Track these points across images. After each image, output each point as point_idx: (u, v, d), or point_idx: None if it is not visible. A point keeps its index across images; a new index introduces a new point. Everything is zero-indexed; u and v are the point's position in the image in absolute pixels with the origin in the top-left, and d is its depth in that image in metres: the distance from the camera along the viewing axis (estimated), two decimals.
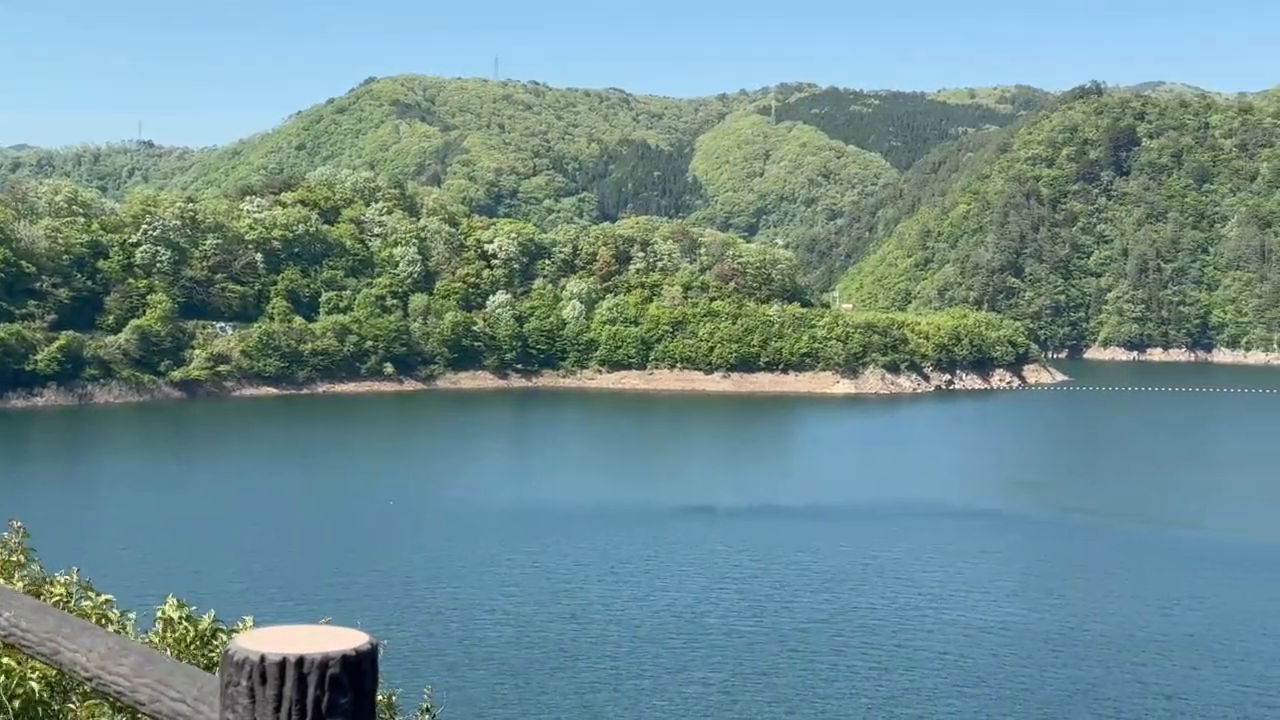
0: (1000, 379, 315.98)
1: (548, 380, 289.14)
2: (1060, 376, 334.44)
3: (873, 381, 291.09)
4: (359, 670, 3.93)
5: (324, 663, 3.85)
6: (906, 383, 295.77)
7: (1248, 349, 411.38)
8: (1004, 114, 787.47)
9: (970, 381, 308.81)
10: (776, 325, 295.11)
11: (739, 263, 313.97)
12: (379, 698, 15.97)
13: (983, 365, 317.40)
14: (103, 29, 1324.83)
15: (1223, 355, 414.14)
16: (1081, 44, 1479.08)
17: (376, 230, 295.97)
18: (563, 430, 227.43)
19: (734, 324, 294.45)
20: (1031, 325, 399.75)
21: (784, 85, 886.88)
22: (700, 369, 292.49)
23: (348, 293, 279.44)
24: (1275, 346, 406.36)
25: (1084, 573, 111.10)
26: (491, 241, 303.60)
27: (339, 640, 3.98)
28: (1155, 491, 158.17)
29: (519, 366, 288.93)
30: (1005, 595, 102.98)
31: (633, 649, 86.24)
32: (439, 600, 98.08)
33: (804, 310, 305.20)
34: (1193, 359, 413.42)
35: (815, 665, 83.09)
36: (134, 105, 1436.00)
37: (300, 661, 3.85)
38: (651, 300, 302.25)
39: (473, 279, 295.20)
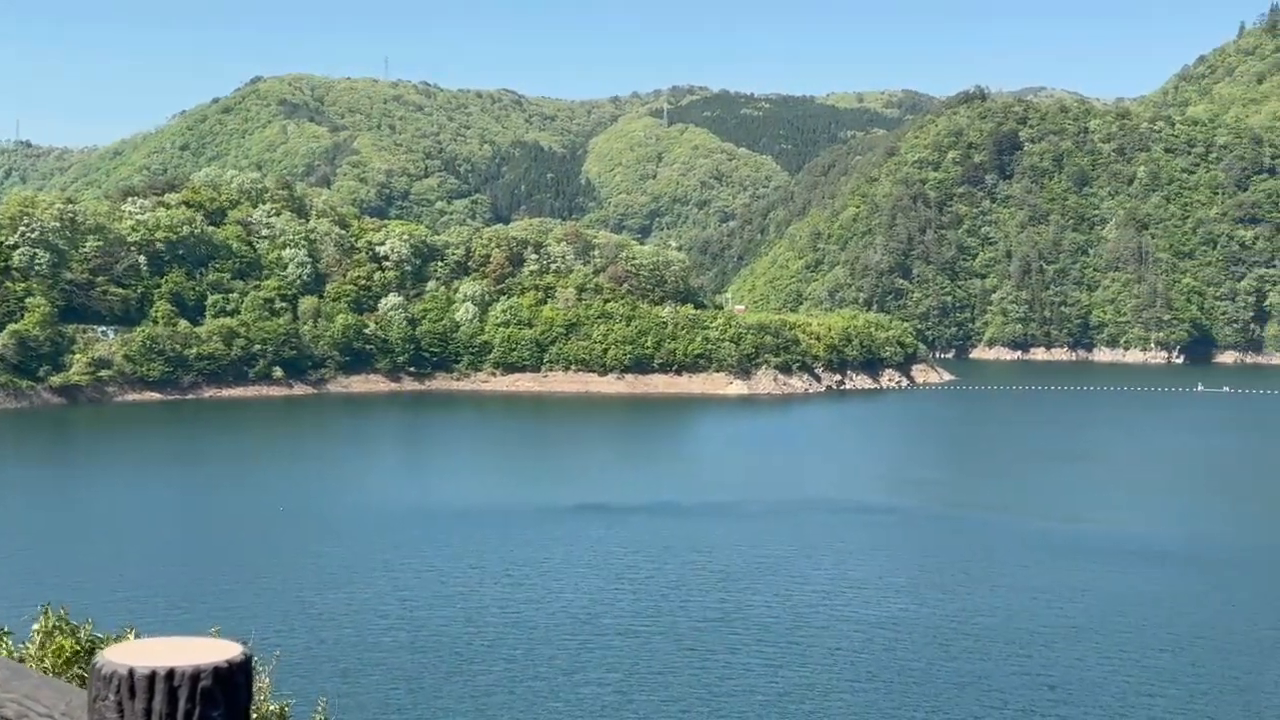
0: (890, 379, 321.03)
1: (441, 383, 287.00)
2: (947, 376, 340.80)
3: (765, 382, 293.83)
4: (232, 682, 3.81)
5: (195, 675, 3.74)
6: (798, 383, 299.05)
7: (1126, 348, 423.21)
8: (891, 118, 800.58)
9: (861, 381, 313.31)
10: (670, 327, 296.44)
11: (633, 265, 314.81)
12: (272, 708, 15.71)
13: (873, 365, 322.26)
14: None
15: (1103, 354, 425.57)
16: (965, 49, 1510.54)
17: (264, 232, 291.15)
18: (457, 433, 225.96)
19: (628, 326, 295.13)
20: (919, 326, 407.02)
21: (676, 88, 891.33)
22: (595, 371, 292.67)
23: (235, 295, 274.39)
24: (1152, 346, 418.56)
25: (972, 567, 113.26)
26: (383, 243, 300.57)
27: (211, 652, 3.86)
28: (1039, 487, 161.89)
29: (412, 369, 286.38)
30: (896, 590, 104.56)
31: (528, 651, 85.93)
32: (332, 606, 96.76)
33: (697, 312, 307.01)
34: (1074, 358, 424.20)
35: (710, 664, 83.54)
36: (11, 103, 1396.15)
37: (170, 674, 3.73)
38: (545, 302, 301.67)
39: (364, 281, 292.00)
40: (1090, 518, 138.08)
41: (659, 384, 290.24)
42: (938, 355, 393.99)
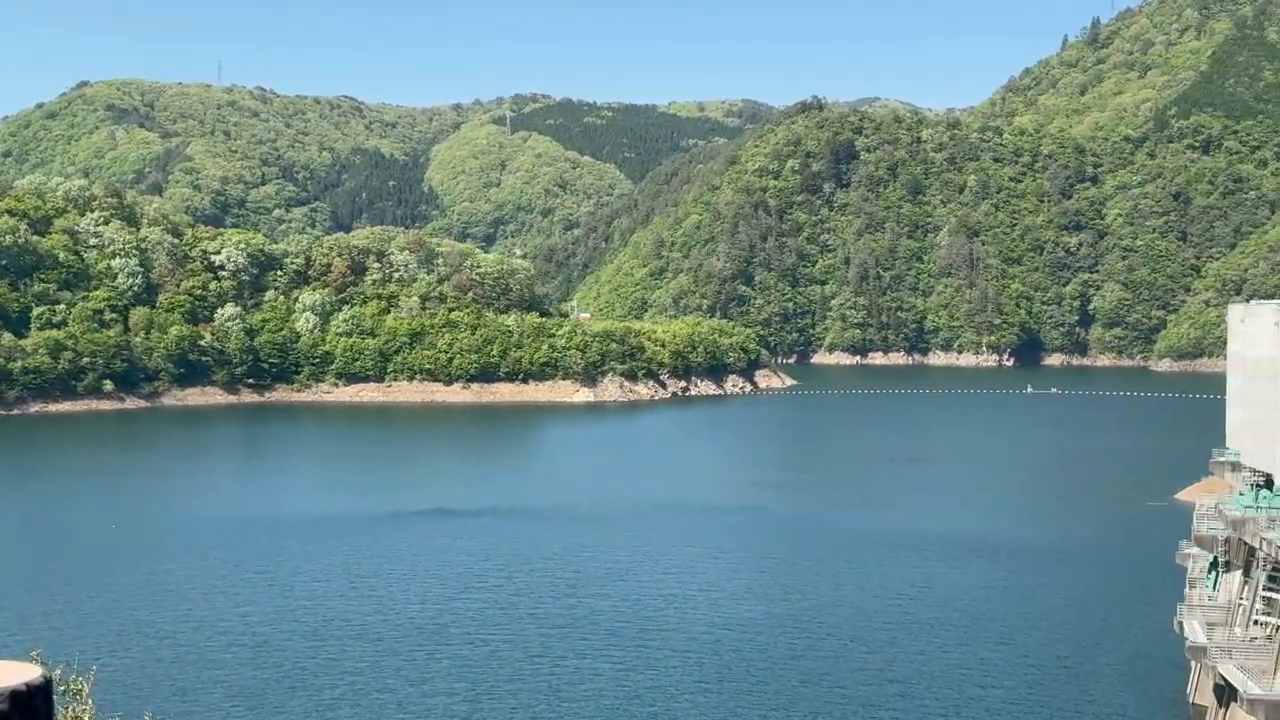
0: (734, 384, 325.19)
1: (281, 395, 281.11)
2: (790, 381, 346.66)
3: (611, 389, 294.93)
4: (31, 706, 3.70)
5: None
6: (644, 390, 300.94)
7: (960, 351, 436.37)
8: (732, 127, 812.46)
9: (705, 387, 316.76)
10: (516, 335, 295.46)
11: (477, 273, 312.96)
12: None
13: (717, 371, 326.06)
14: None
15: (937, 358, 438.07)
16: (803, 61, 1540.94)
17: (93, 241, 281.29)
18: (298, 445, 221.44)
19: (473, 334, 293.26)
20: (762, 332, 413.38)
21: (519, 96, 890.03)
22: (440, 380, 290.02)
23: (62, 307, 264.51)
24: (984, 349, 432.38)
25: (816, 567, 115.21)
26: (219, 252, 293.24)
27: (9, 675, 3.75)
28: (880, 488, 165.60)
29: (250, 381, 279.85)
30: (743, 592, 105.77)
31: (375, 663, 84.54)
32: (168, 623, 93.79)
33: (543, 320, 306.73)
34: (910, 362, 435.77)
35: (559, 670, 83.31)
36: None
37: None
38: (389, 311, 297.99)
39: (199, 291, 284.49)
40: (928, 516, 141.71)
41: (505, 393, 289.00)
42: (780, 361, 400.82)
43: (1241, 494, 68.90)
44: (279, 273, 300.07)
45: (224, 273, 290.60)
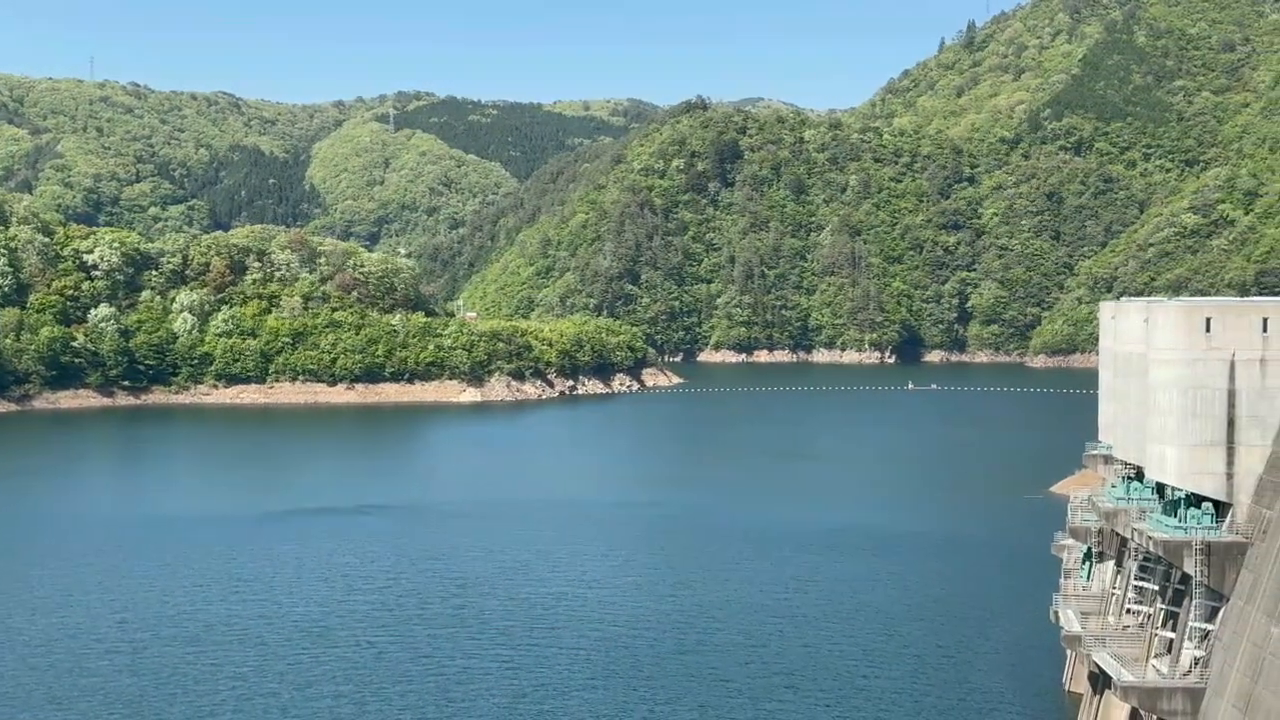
0: (621, 383, 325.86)
1: (159, 397, 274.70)
2: (676, 379, 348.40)
3: (498, 389, 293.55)
4: None
5: None
6: (531, 389, 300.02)
7: (843, 349, 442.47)
8: (617, 126, 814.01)
9: (593, 386, 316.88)
10: (401, 335, 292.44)
11: (361, 272, 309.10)
12: None
13: (604, 370, 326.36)
14: None
15: (821, 355, 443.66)
16: (687, 60, 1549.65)
17: None
18: (176, 447, 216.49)
19: (357, 334, 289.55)
20: (649, 330, 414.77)
21: (402, 93, 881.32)
22: (324, 381, 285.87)
23: None
24: (867, 346, 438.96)
25: (705, 562, 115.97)
26: (92, 251, 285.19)
27: None
28: (767, 483, 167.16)
29: (126, 383, 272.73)
30: (631, 588, 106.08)
31: (259, 667, 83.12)
32: (42, 632, 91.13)
33: (428, 319, 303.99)
34: (795, 359, 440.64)
35: (447, 669, 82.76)
36: None
37: None
38: (270, 311, 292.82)
39: (71, 291, 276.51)
40: (813, 511, 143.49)
41: (391, 393, 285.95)
42: (667, 359, 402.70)
43: (1113, 486, 70.81)
44: (155, 272, 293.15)
45: (97, 272, 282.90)
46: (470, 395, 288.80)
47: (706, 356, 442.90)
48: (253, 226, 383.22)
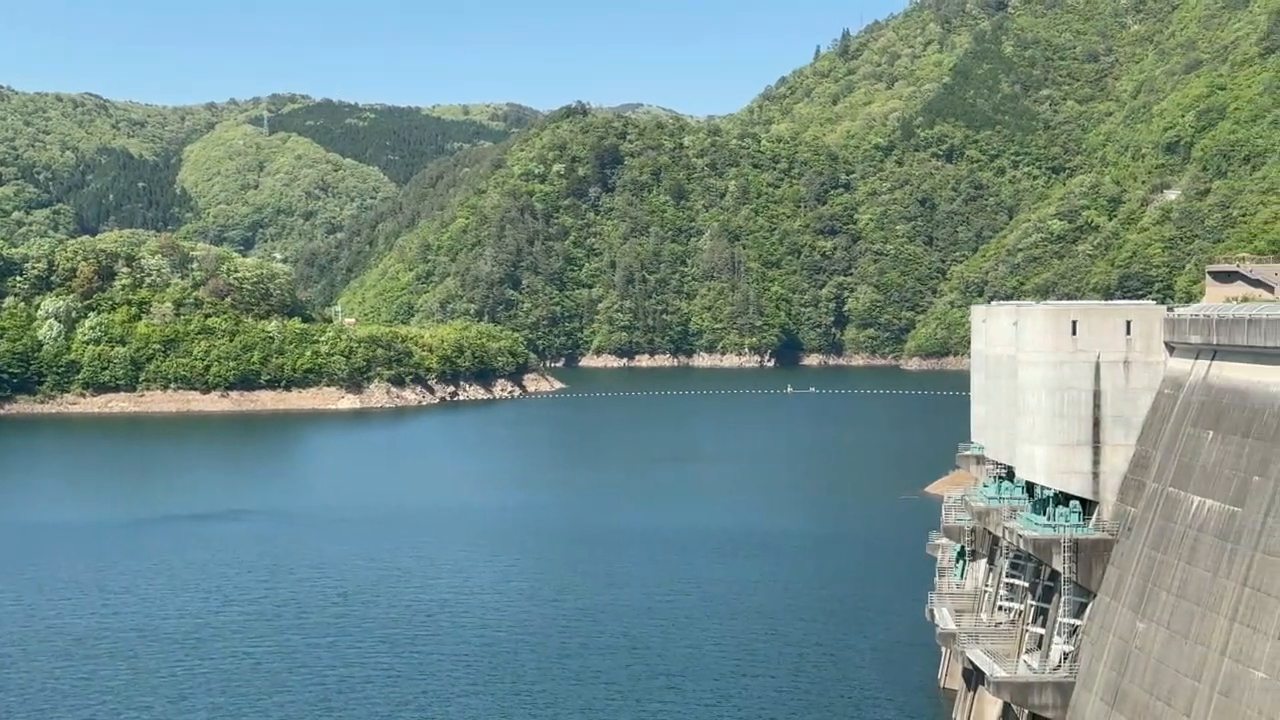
0: (503, 389, 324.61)
1: (22, 407, 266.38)
2: (558, 384, 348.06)
3: (378, 395, 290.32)
4: None
5: None
6: (412, 395, 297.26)
7: (723, 353, 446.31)
8: (497, 130, 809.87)
9: (474, 392, 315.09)
10: (277, 341, 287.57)
11: (235, 277, 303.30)
12: None
13: (485, 376, 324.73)
14: None
15: (702, 359, 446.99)
16: (567, 65, 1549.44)
17: None
18: (42, 458, 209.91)
19: (232, 341, 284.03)
20: (530, 335, 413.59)
21: (276, 96, 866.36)
22: (197, 389, 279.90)
23: None
24: (746, 350, 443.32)
25: (588, 566, 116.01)
26: None
27: None
28: (649, 488, 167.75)
29: None
30: (515, 593, 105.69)
31: (131, 681, 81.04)
32: None
33: (306, 326, 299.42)
34: (676, 364, 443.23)
35: (327, 679, 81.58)
36: None
37: None
38: (140, 318, 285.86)
39: None
40: (695, 513, 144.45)
41: (267, 400, 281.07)
42: (548, 364, 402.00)
43: (985, 486, 72.44)
44: (19, 278, 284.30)
45: None
46: (349, 402, 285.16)
47: (588, 361, 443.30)
48: (122, 231, 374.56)
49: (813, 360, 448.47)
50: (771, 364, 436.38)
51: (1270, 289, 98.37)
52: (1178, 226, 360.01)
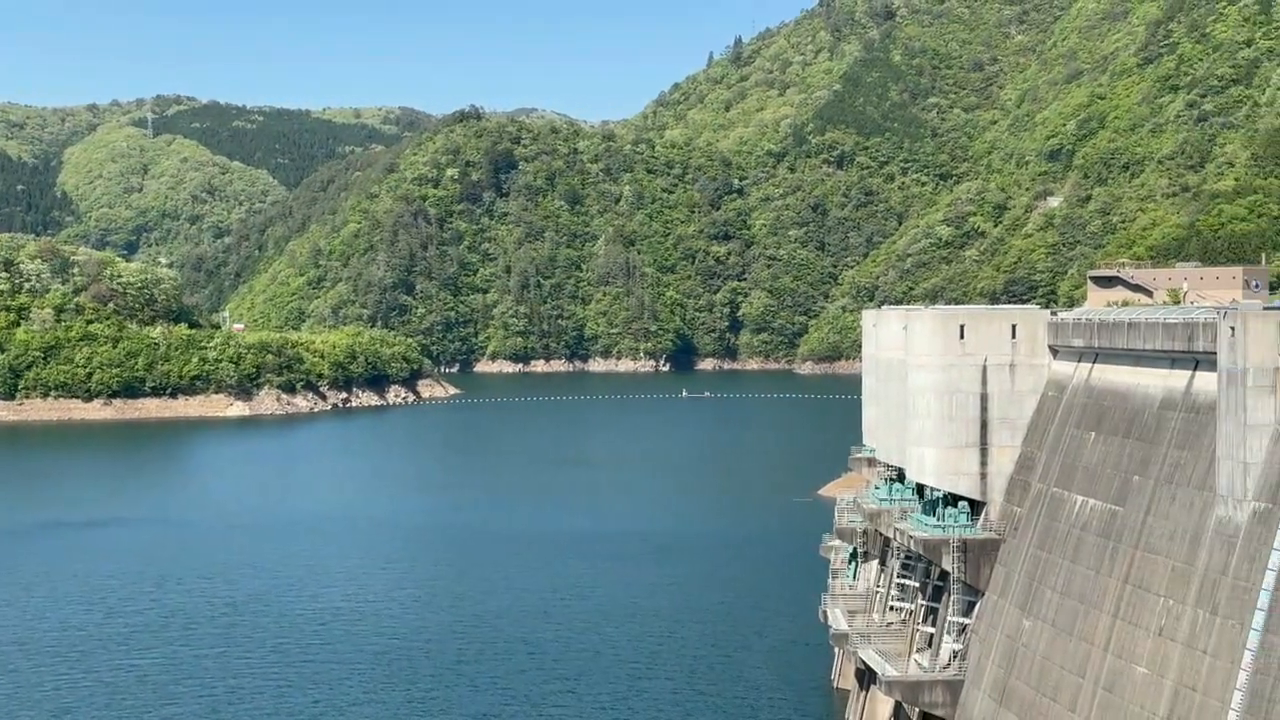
0: (396, 394, 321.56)
1: None
2: (453, 390, 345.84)
3: (268, 402, 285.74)
4: None
5: None
6: (303, 402, 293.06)
7: (619, 358, 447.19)
8: (389, 134, 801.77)
9: (367, 398, 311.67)
10: (163, 348, 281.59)
11: (118, 283, 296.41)
12: None
13: (379, 382, 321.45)
14: None
15: (597, 364, 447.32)
16: (459, 69, 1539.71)
17: None
18: None
19: (115, 347, 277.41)
20: (424, 341, 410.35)
21: (160, 97, 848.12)
22: (79, 396, 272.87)
23: None
24: (642, 355, 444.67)
25: (484, 572, 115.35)
26: None
27: None
28: (547, 492, 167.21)
29: None
30: (411, 601, 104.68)
31: (10, 694, 78.61)
32: None
33: (192, 331, 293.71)
34: (572, 369, 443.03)
35: (215, 691, 79.98)
36: None
37: None
38: (19, 324, 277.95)
39: None
40: (591, 517, 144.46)
41: (152, 408, 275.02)
42: (443, 370, 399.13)
43: (877, 488, 73.46)
44: None
45: None
46: (238, 409, 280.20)
47: (483, 367, 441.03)
48: None
49: (707, 364, 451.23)
50: (667, 368, 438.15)
51: (1149, 294, 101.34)
52: (1060, 233, 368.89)
